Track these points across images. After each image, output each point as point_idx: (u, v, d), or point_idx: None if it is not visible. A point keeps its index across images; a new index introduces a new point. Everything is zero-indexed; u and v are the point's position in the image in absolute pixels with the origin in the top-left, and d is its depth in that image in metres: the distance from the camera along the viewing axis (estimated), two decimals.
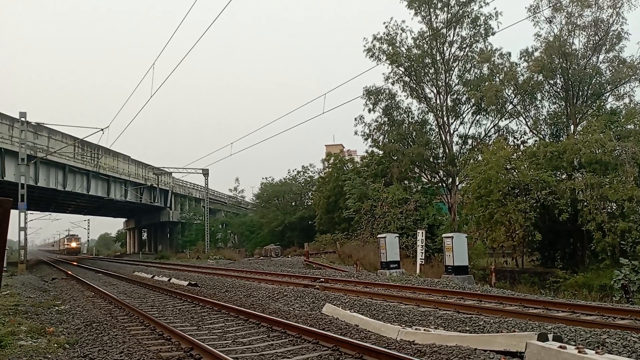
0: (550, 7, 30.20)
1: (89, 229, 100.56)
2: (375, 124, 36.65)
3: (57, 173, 41.55)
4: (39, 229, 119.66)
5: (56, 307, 13.28)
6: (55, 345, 8.08)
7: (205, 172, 53.51)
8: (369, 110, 36.16)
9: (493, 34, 33.46)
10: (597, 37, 29.92)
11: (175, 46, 17.86)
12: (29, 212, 35.73)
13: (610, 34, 29.69)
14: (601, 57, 30.55)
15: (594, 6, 29.39)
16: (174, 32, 15.58)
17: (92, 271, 31.88)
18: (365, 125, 36.73)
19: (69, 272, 29.74)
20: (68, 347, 8.12)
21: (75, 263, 45.63)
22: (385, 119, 36.46)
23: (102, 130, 25.68)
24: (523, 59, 32.64)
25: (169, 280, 20.77)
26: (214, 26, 15.82)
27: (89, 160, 45.76)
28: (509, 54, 33.78)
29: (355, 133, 37.25)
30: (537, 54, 31.62)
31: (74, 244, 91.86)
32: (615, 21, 29.42)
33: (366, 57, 35.10)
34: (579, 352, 5.53)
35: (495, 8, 33.19)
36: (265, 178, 61.08)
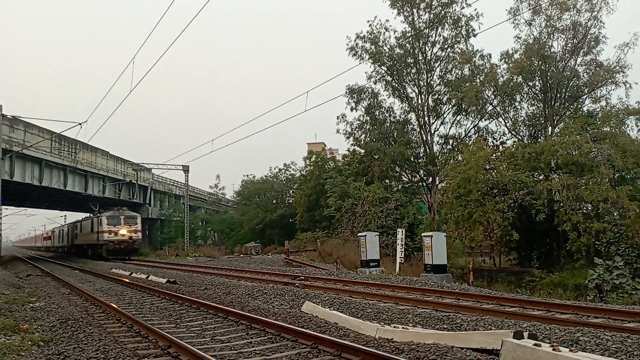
0: (530, 9, 30.61)
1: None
2: (357, 122, 36.76)
3: (33, 168, 40.73)
4: (14, 225, 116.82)
5: (31, 304, 13.05)
6: (30, 342, 7.94)
7: (186, 169, 53.01)
8: (351, 109, 36.25)
9: (474, 35, 33.80)
10: (575, 40, 30.44)
11: (156, 40, 17.64)
12: (3, 207, 34.98)
13: (588, 37, 30.22)
14: (579, 60, 31.12)
15: (572, 10, 29.88)
16: (155, 25, 15.40)
17: (68, 268, 31.36)
18: (347, 123, 36.82)
19: (45, 269, 29.22)
20: (42, 344, 8.00)
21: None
22: (367, 118, 36.57)
23: (80, 124, 25.16)
24: (503, 60, 33.04)
25: (147, 277, 20.54)
26: (196, 21, 15.67)
27: (66, 155, 44.92)
28: (490, 55, 34.18)
29: (337, 131, 37.31)
30: (516, 55, 32.05)
31: (124, 232, 39.82)
32: (593, 25, 29.97)
33: (349, 55, 35.17)
34: (554, 349, 5.62)
35: (475, 9, 33.54)
36: (247, 175, 60.77)
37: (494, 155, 28.82)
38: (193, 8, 17.05)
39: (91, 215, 46.95)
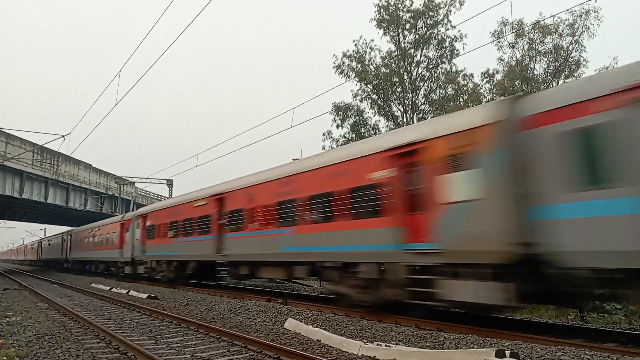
0: (513, 32, 31.29)
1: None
2: (343, 140, 36.95)
3: (13, 179, 40.15)
4: None
5: (7, 319, 12.76)
6: (5, 358, 7.77)
7: (170, 183, 52.64)
8: (337, 126, 36.47)
9: (457, 55, 34.40)
10: (557, 63, 31.16)
11: (142, 54, 17.66)
12: None
13: (570, 60, 30.98)
14: (560, 82, 31.78)
15: (554, 34, 30.66)
16: (142, 40, 15.41)
17: (46, 282, 30.77)
18: (333, 140, 36.97)
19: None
20: None
21: None
22: (353, 135, 36.79)
23: (63, 137, 24.92)
24: (485, 80, 33.71)
25: (128, 292, 20.23)
26: (185, 35, 15.73)
27: (48, 167, 44.40)
28: (472, 75, 34.76)
29: (323, 148, 37.44)
30: (498, 76, 32.70)
31: None
32: (575, 49, 30.77)
33: (335, 73, 35.45)
34: None
35: (459, 31, 34.19)
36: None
37: None
38: (182, 21, 17.14)
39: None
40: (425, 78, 35.83)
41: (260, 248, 15.45)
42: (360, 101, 36.04)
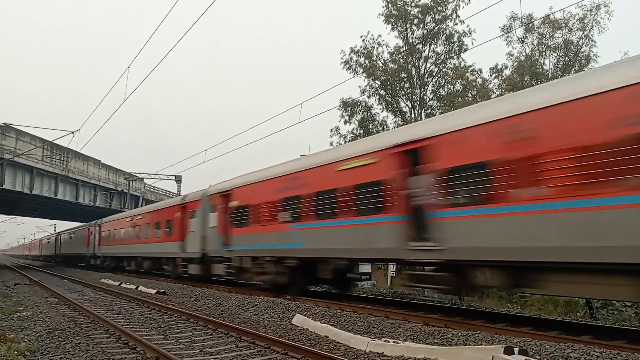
0: (522, 27, 31.06)
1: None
2: (351, 135, 36.89)
3: (24, 175, 40.49)
4: (3, 233, 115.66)
5: (18, 314, 12.91)
6: (16, 352, 7.85)
7: (178, 179, 52.89)
8: (345, 122, 36.41)
9: (466, 50, 34.18)
10: (566, 58, 30.90)
11: (147, 53, 17.70)
12: None
13: (580, 55, 30.70)
14: None
15: (564, 28, 30.39)
16: (151, 35, 15.45)
17: (56, 277, 31.05)
18: (341, 136, 36.93)
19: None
20: (29, 354, 7.91)
21: None
22: (361, 132, 36.73)
23: (72, 133, 25.05)
24: (494, 75, 33.51)
25: (137, 287, 20.38)
26: (193, 31, 15.76)
27: (57, 163, 44.73)
28: (480, 70, 34.57)
29: (331, 144, 37.40)
30: (507, 72, 32.48)
31: None
32: (585, 43, 30.49)
33: (343, 69, 35.36)
34: None
35: (468, 26, 33.96)
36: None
37: None
38: (190, 18, 17.13)
39: None
40: (434, 73, 35.66)
41: (572, 237, 7.45)
42: (368, 97, 35.98)
